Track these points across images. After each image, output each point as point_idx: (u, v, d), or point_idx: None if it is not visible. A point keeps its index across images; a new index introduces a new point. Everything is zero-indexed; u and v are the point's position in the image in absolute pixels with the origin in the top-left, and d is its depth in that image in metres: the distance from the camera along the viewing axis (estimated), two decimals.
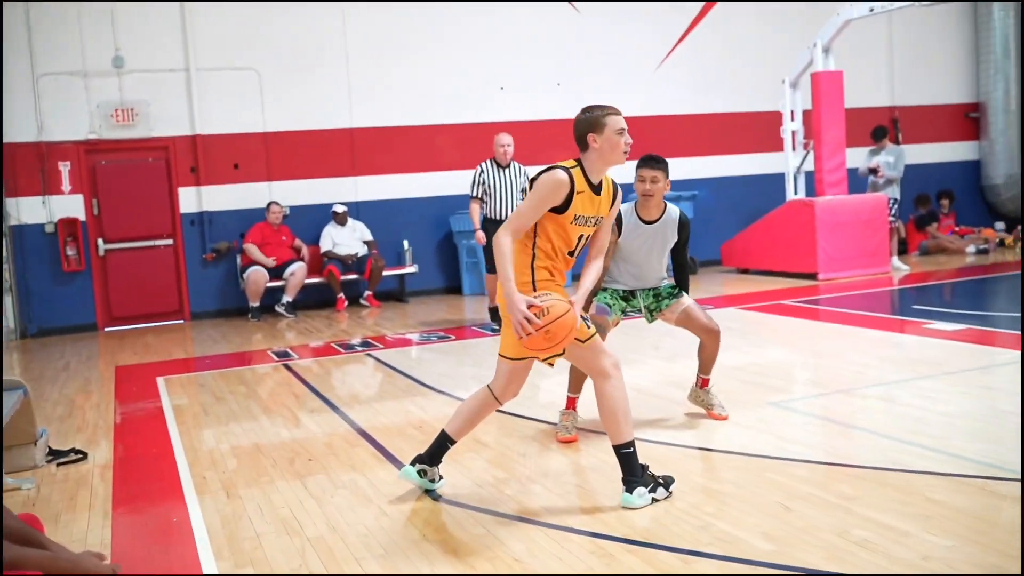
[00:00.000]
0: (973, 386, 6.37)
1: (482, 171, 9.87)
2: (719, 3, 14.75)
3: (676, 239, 5.70)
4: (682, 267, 5.86)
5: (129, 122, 12.06)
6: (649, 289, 5.79)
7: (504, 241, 4.18)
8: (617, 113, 4.32)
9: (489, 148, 10.09)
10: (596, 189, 4.34)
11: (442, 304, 12.56)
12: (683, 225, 5.68)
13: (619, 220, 5.59)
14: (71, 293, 11.96)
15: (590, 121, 4.29)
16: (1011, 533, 3.77)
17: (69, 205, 11.93)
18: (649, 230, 5.64)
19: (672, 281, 5.85)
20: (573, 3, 13.91)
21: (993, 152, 16.58)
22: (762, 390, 6.57)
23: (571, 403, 5.69)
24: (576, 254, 4.42)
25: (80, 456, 5.84)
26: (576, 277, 4.63)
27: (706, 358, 5.82)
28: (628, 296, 5.81)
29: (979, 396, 6.08)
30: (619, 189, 4.51)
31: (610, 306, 5.73)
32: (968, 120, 16.93)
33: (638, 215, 5.63)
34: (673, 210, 5.69)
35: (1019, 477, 4.41)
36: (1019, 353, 7.37)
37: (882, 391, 6.40)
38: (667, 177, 5.56)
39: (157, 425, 6.70)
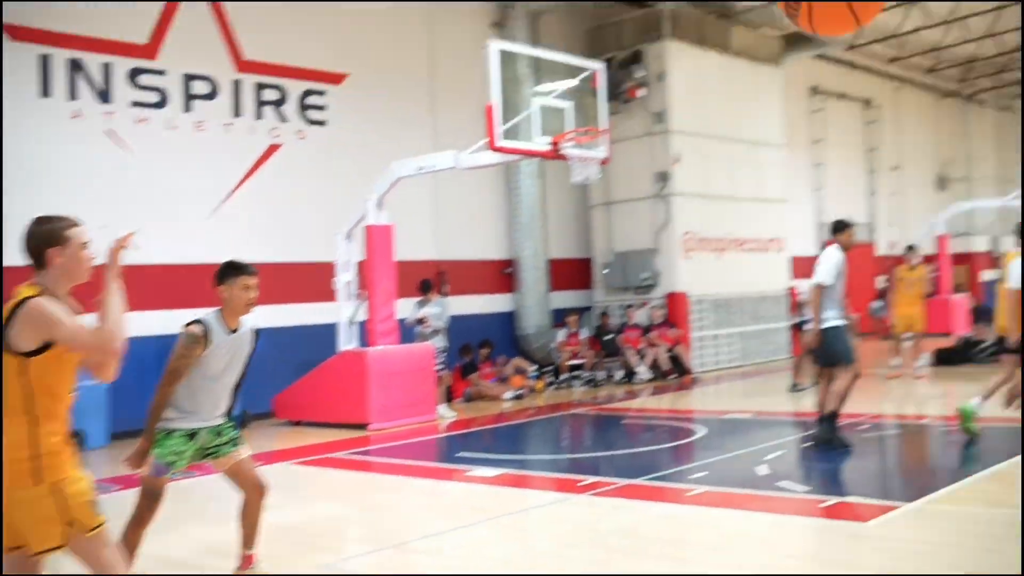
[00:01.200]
0: (512, 530, 6.66)
1: None
2: (278, 155, 14.85)
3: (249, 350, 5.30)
4: (238, 386, 5.36)
5: None
6: (213, 426, 5.19)
7: None
8: (79, 225, 3.89)
9: None
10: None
11: None
12: (256, 335, 5.32)
13: (206, 332, 5.00)
14: None
15: (52, 233, 3.80)
16: None
17: None
18: (232, 340, 5.14)
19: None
20: (115, 134, 13.22)
21: (525, 304, 18.19)
22: (312, 551, 6.35)
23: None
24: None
25: None
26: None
27: (251, 525, 5.34)
28: (192, 435, 5.12)
29: (517, 539, 6.36)
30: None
31: (173, 463, 5.03)
32: (504, 275, 18.49)
33: (226, 324, 5.12)
34: (247, 318, 5.28)
35: None
36: (552, 494, 7.94)
37: (430, 543, 6.47)
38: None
39: None
